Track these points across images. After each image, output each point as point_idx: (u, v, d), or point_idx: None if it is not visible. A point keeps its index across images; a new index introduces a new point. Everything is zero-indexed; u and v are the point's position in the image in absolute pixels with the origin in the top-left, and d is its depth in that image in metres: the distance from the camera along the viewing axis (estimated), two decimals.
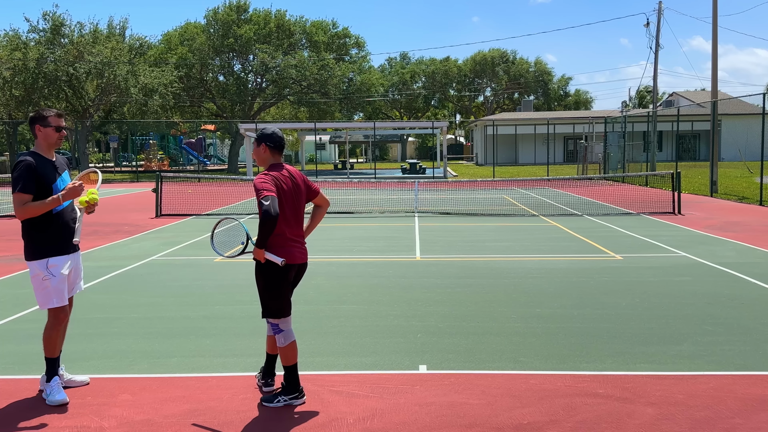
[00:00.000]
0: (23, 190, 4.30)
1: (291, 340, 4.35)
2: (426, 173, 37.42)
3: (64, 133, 4.58)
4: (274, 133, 4.42)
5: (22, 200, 4.30)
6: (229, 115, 45.75)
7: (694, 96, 55.51)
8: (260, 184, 4.18)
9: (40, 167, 4.37)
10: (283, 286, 4.33)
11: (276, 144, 4.40)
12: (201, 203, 19.30)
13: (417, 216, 15.65)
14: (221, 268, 9.32)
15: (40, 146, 4.49)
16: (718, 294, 7.40)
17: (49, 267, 4.40)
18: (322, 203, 4.69)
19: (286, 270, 4.31)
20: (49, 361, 4.49)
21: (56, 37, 37.12)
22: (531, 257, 9.91)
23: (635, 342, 5.64)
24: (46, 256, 4.40)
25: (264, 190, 4.14)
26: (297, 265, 4.39)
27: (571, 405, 4.32)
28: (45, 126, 4.45)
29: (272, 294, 4.31)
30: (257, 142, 4.43)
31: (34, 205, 4.31)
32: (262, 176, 4.27)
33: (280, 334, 4.33)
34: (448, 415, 4.19)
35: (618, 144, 31.01)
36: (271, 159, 4.41)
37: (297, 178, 4.44)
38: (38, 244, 4.40)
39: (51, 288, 4.40)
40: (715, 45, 22.75)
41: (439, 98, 76.04)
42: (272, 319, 4.35)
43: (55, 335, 4.48)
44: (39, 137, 4.47)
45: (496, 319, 6.39)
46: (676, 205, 15.73)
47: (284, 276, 4.31)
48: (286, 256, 4.25)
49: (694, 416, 4.14)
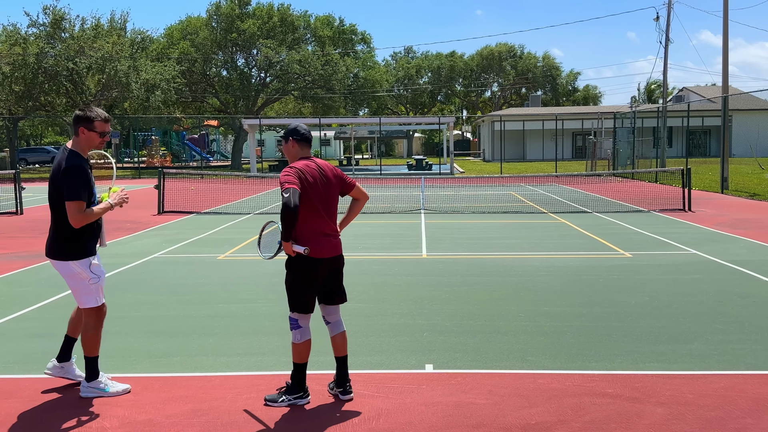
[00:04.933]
0: (82, 197, 4.21)
1: (306, 338, 4.29)
2: (432, 170, 37.31)
3: (108, 138, 4.47)
4: (298, 126, 4.41)
5: (81, 208, 4.22)
6: (233, 110, 45.74)
7: (704, 91, 55.11)
8: (283, 177, 4.17)
9: (87, 171, 4.29)
10: (310, 282, 4.25)
11: (302, 137, 4.37)
12: (204, 200, 19.28)
13: (423, 213, 15.58)
14: (224, 265, 9.28)
15: (79, 146, 4.35)
16: (729, 292, 7.30)
17: (92, 267, 4.38)
18: (360, 196, 4.59)
19: (315, 265, 4.23)
20: (90, 361, 4.46)
21: (56, 31, 37.06)
22: (539, 255, 9.82)
23: (645, 341, 5.56)
24: (88, 256, 4.38)
25: (286, 183, 4.11)
26: (327, 260, 4.30)
27: (579, 405, 4.26)
28: (90, 129, 4.33)
29: (299, 289, 4.25)
30: (284, 138, 4.42)
31: (91, 211, 4.27)
32: (286, 169, 4.23)
33: (297, 330, 4.27)
34: (455, 415, 4.13)
35: (627, 140, 30.82)
36: (300, 153, 4.38)
37: (327, 171, 4.36)
38: (79, 244, 4.34)
39: (96, 286, 4.40)
40: (726, 39, 22.52)
41: (445, 93, 75.88)
42: (294, 314, 4.28)
43: (98, 334, 4.47)
44: (81, 139, 4.34)
45: (503, 318, 6.32)
46: (687, 202, 15.59)
47: (312, 271, 4.23)
48: (314, 250, 4.19)
49: (705, 416, 4.08)
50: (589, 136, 39.54)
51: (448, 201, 18.66)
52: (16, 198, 16.35)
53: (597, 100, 79.62)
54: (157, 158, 45.93)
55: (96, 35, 36.93)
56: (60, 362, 4.63)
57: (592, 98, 78.83)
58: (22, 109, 37.27)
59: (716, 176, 24.29)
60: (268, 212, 16.17)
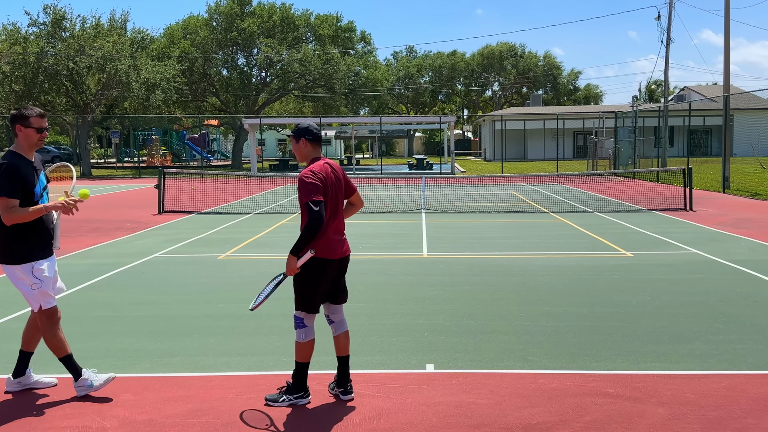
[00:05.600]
0: (9, 194, 4.14)
1: (311, 338, 4.28)
2: (433, 169, 37.30)
3: (46, 134, 4.40)
4: (310, 126, 4.34)
5: (8, 205, 4.15)
6: (233, 109, 45.73)
7: (705, 90, 55.06)
8: (310, 184, 4.06)
9: (22, 169, 4.23)
10: (323, 282, 4.24)
11: (314, 136, 4.32)
12: (204, 200, 19.28)
13: (424, 212, 15.57)
14: (225, 265, 9.27)
15: (20, 146, 4.32)
16: (730, 292, 7.28)
17: (34, 272, 4.31)
18: (358, 202, 4.61)
19: (329, 265, 4.23)
20: (64, 361, 4.43)
21: (57, 30, 36.96)
22: (540, 254, 9.81)
23: (646, 341, 5.55)
24: (31, 260, 4.30)
25: (314, 193, 4.03)
26: (338, 260, 4.31)
27: (580, 405, 4.25)
28: (26, 126, 4.30)
29: (309, 289, 4.22)
30: (296, 137, 4.33)
31: (22, 211, 4.18)
32: (309, 174, 4.12)
33: (302, 329, 4.25)
34: (456, 415, 4.12)
35: (628, 139, 30.79)
36: (312, 152, 4.33)
37: (338, 172, 4.35)
38: (21, 248, 4.28)
39: (40, 291, 4.34)
40: (727, 38, 22.49)
41: (446, 93, 75.84)
42: (300, 313, 4.26)
43: (56, 335, 4.42)
44: (19, 137, 4.31)
45: (504, 318, 6.31)
46: (688, 201, 15.57)
47: (324, 271, 4.22)
48: (327, 252, 4.18)
49: (706, 416, 4.07)
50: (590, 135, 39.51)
51: (449, 200, 18.65)
52: None
53: (598, 99, 79.60)
54: (157, 158, 45.92)
55: (96, 34, 36.87)
56: (15, 378, 4.60)
57: (593, 97, 78.80)
58: None
59: (717, 176, 24.26)
60: (269, 212, 16.16)
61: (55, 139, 70.50)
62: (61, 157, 52.05)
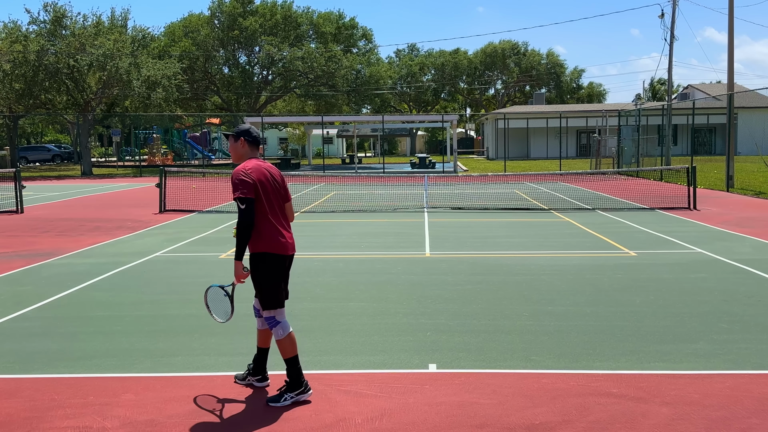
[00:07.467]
0: None
1: (289, 331, 4.37)
2: (436, 168, 37.25)
3: None
4: (250, 128, 4.55)
5: None
6: (235, 108, 45.74)
7: (709, 89, 54.91)
8: (240, 182, 4.21)
9: None
10: (280, 277, 4.38)
11: (254, 138, 4.52)
12: (206, 199, 19.25)
13: (426, 212, 15.54)
14: (226, 264, 9.25)
15: None
16: (734, 291, 7.25)
17: None
18: (289, 214, 4.60)
19: (284, 261, 4.38)
20: None
21: (57, 28, 36.95)
22: (543, 253, 9.78)
23: (650, 340, 5.52)
24: None
25: (242, 189, 4.18)
26: (290, 256, 4.45)
27: (584, 405, 4.23)
28: None
29: (271, 286, 4.34)
30: (235, 137, 4.50)
31: None
32: (241, 172, 4.27)
33: (277, 326, 4.34)
34: (459, 415, 4.10)
35: (632, 138, 30.69)
36: (249, 153, 4.50)
37: (276, 174, 4.51)
38: None
39: None
40: (731, 36, 22.40)
41: (449, 91, 75.77)
42: (269, 312, 4.35)
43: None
44: None
45: (507, 317, 6.28)
46: (692, 200, 15.51)
47: (280, 267, 4.37)
48: (279, 247, 4.32)
49: (710, 416, 4.05)
50: (594, 134, 39.41)
51: (452, 199, 18.61)
52: (16, 197, 16.33)
53: (601, 97, 79.42)
54: (158, 156, 45.90)
55: (97, 33, 36.83)
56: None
57: (596, 96, 78.62)
58: (23, 107, 37.22)
59: (721, 174, 24.18)
60: None
61: (56, 137, 70.61)
62: (61, 155, 52.18)
